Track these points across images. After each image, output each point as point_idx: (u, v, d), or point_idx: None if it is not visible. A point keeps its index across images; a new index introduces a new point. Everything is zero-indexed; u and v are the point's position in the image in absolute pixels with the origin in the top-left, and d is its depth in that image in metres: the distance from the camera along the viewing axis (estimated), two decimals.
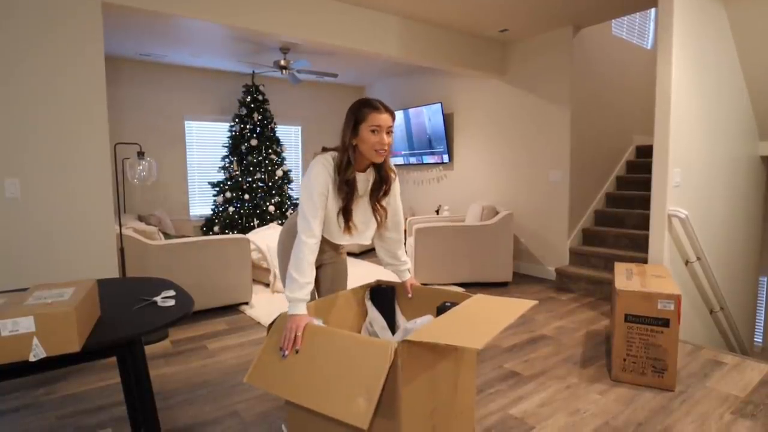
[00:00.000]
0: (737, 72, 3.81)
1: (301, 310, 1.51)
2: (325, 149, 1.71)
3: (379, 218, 1.79)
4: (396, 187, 1.84)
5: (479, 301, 1.60)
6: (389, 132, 1.63)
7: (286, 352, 1.44)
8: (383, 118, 1.61)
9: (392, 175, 1.78)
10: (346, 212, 1.70)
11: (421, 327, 1.39)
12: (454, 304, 1.60)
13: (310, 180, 1.63)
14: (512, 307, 1.51)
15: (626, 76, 5.22)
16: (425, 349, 1.38)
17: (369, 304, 1.88)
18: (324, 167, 1.64)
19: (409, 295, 1.88)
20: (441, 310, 1.63)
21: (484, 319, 1.41)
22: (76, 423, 2.11)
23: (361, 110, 1.62)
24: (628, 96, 5.26)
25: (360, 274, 4.96)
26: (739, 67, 3.82)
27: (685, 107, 3.18)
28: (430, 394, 1.43)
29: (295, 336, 1.44)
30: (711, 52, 3.44)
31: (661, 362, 2.39)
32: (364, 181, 1.74)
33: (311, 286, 1.58)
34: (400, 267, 1.93)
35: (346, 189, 1.66)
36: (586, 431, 2.03)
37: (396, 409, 1.26)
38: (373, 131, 1.60)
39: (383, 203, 1.79)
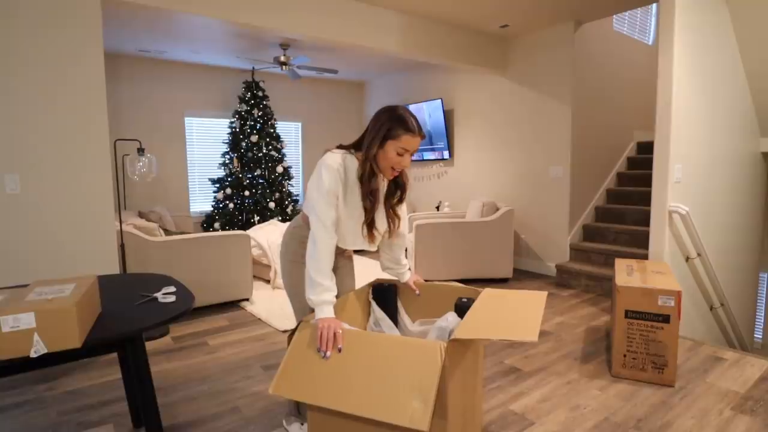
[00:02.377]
0: (738, 68, 3.80)
1: (330, 312, 1.45)
2: (341, 147, 1.61)
3: (392, 225, 1.70)
4: None
5: (494, 295, 1.60)
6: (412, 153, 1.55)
7: (328, 353, 1.36)
8: (415, 142, 1.51)
9: (408, 182, 1.70)
10: (371, 223, 1.61)
11: (462, 324, 1.35)
12: (470, 300, 1.60)
13: (321, 180, 1.51)
14: (531, 299, 1.52)
15: (627, 71, 5.20)
16: (463, 348, 1.37)
17: (374, 303, 1.87)
18: (336, 169, 1.53)
19: (417, 293, 1.84)
20: (460, 307, 1.60)
21: (514, 312, 1.41)
22: (78, 419, 2.11)
23: (395, 128, 1.49)
24: (629, 92, 5.24)
25: (359, 271, 4.96)
26: (741, 63, 3.80)
27: (686, 103, 3.17)
28: (462, 392, 1.42)
29: (335, 334, 1.37)
30: (712, 48, 3.43)
31: (661, 358, 2.40)
32: (383, 187, 1.67)
33: (335, 288, 1.53)
34: (399, 270, 1.88)
35: (370, 199, 1.57)
36: (586, 427, 2.03)
37: (445, 408, 1.24)
38: (399, 153, 1.51)
39: (398, 210, 1.70)
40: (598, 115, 4.88)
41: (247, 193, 5.68)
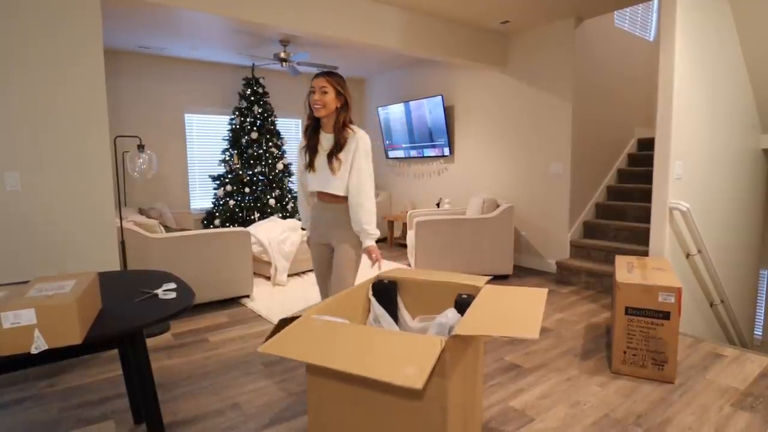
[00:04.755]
0: (740, 65, 3.79)
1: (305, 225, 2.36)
2: None
3: (332, 169, 2.09)
4: (358, 148, 2.10)
5: (495, 291, 1.60)
6: (324, 92, 2.05)
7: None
8: (315, 81, 2.06)
9: (348, 132, 2.10)
10: (310, 149, 2.15)
11: (463, 321, 1.35)
12: (470, 296, 1.60)
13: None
14: (532, 296, 1.52)
15: (628, 68, 5.19)
16: (464, 344, 1.37)
17: (374, 300, 1.87)
18: (300, 146, 2.23)
19: (372, 266, 2.14)
20: (460, 303, 1.61)
21: (515, 309, 1.41)
22: (79, 415, 2.12)
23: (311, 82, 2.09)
24: (629, 88, 5.23)
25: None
26: (742, 60, 3.79)
27: (687, 99, 3.16)
28: (462, 388, 1.42)
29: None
30: (714, 45, 3.42)
31: (662, 355, 2.40)
32: (330, 140, 2.13)
33: (307, 216, 2.34)
34: (360, 234, 2.14)
35: (308, 133, 2.16)
36: (586, 423, 2.03)
37: (445, 404, 1.25)
38: (311, 92, 2.08)
39: (339, 156, 2.10)
40: (598, 112, 4.87)
41: (247, 189, 5.67)
